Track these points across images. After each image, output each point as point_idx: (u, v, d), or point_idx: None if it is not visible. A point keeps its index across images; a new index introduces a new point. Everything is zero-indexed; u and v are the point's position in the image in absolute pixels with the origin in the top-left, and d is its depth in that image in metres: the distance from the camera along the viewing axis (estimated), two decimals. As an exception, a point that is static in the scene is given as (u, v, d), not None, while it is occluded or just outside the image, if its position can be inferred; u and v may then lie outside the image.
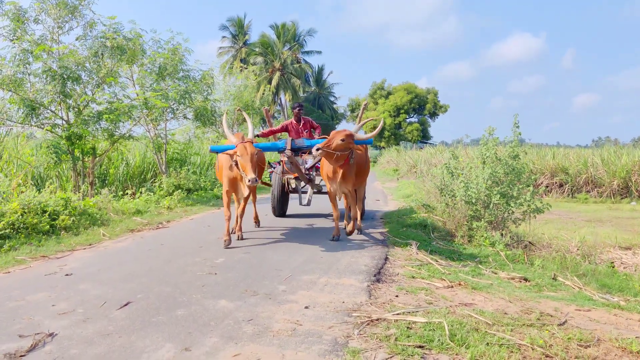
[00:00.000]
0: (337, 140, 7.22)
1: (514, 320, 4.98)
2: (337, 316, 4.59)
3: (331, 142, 7.20)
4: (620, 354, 4.44)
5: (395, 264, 6.93)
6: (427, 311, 4.82)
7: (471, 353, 3.83)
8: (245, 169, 6.77)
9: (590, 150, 29.67)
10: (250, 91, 21.71)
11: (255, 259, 6.74)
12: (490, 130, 9.88)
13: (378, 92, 55.98)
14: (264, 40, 51.94)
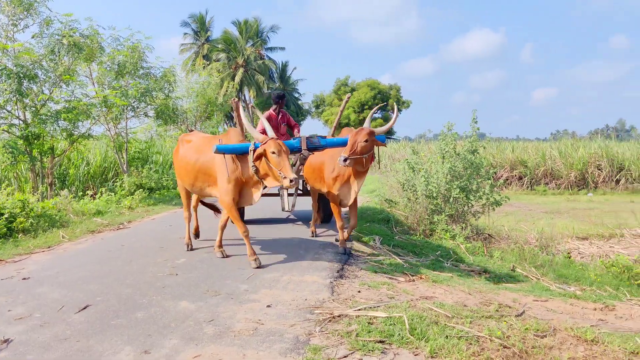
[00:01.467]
0: (361, 143, 6.32)
1: (473, 312, 5.08)
2: (300, 314, 4.60)
3: (356, 146, 6.32)
4: (575, 343, 4.57)
5: (358, 260, 6.99)
6: (388, 306, 4.87)
7: (430, 346, 3.89)
8: (284, 169, 5.71)
9: (549, 144, 30.41)
10: (214, 88, 21.51)
11: (217, 258, 6.70)
12: (449, 125, 10.04)
13: (342, 88, 56.12)
14: (227, 36, 51.51)
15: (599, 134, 53.96)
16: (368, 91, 53.84)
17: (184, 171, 6.75)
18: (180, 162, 6.83)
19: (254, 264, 6.24)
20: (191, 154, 6.65)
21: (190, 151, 6.69)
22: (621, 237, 13.06)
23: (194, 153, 6.61)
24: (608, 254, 11.18)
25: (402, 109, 56.72)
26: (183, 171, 6.76)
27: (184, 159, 6.75)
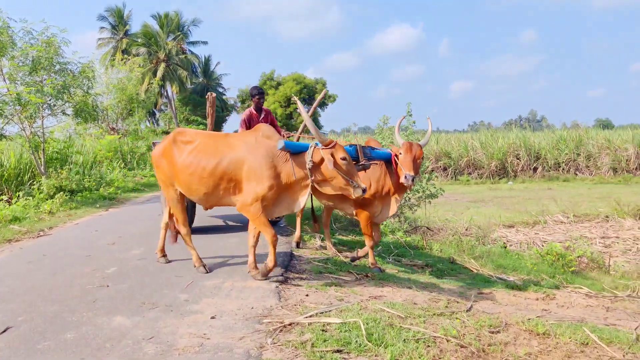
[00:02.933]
0: (420, 159, 5.97)
1: (424, 310, 4.97)
2: (248, 324, 4.30)
3: (418, 162, 5.90)
4: (528, 337, 4.54)
5: (301, 260, 6.75)
6: (340, 309, 4.66)
7: (391, 353, 3.71)
8: (356, 177, 5.13)
9: (470, 135, 31.37)
10: (135, 83, 20.59)
11: (151, 265, 6.25)
12: (385, 119, 9.97)
13: (268, 82, 55.53)
14: (147, 30, 49.69)
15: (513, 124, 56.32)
16: (294, 85, 53.55)
17: (194, 179, 5.44)
18: (187, 168, 5.47)
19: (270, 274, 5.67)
20: (204, 158, 5.41)
21: (202, 154, 5.44)
22: (544, 223, 13.52)
23: (209, 156, 5.39)
24: (534, 241, 11.52)
25: (329, 102, 56.88)
26: (193, 178, 5.45)
27: (192, 165, 5.44)
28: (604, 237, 11.60)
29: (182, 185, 5.61)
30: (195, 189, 5.49)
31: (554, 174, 25.11)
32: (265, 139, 5.34)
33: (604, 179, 23.57)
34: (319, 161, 5.16)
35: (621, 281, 7.70)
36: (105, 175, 15.81)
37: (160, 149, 5.82)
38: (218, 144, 5.46)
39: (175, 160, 5.60)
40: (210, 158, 5.37)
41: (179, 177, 5.59)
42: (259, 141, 5.31)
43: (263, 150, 5.24)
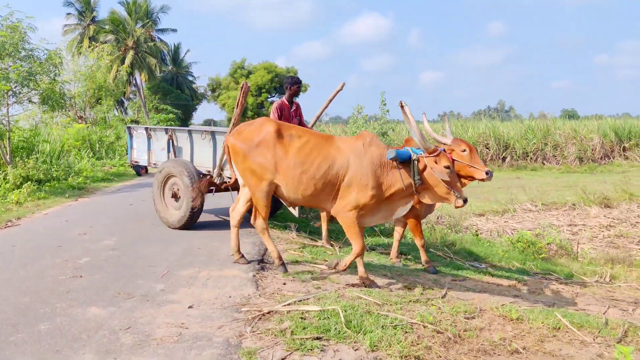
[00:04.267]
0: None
1: (400, 297, 5.02)
2: (226, 313, 4.29)
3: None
4: (502, 322, 4.63)
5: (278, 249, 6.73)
6: (317, 297, 4.68)
7: (370, 339, 3.74)
8: (457, 187, 5.04)
9: (440, 125, 31.60)
10: (104, 71, 20.17)
11: (125, 255, 6.17)
12: (359, 108, 10.00)
13: (239, 71, 55.01)
14: (114, 17, 48.64)
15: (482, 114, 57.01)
16: (265, 74, 53.21)
17: (306, 177, 5.15)
18: (299, 165, 5.17)
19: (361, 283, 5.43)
20: (318, 157, 5.16)
21: (315, 153, 5.18)
22: (514, 212, 13.76)
23: (323, 157, 5.16)
24: (505, 229, 11.73)
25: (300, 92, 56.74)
26: (304, 177, 5.16)
27: (306, 163, 5.15)
28: (571, 224, 11.88)
29: (287, 181, 5.23)
30: (303, 188, 5.19)
31: (522, 163, 25.53)
32: (371, 146, 5.16)
33: (571, 168, 24.08)
34: (422, 169, 5.03)
35: (589, 267, 7.90)
36: (73, 165, 15.48)
37: (257, 138, 5.31)
38: (329, 146, 5.24)
39: (280, 154, 5.23)
40: (325, 159, 5.15)
41: (285, 172, 5.22)
42: (366, 149, 5.14)
43: (369, 158, 5.09)
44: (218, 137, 7.39)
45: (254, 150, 5.29)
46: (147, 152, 8.69)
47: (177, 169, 7.49)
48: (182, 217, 7.41)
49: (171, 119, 41.51)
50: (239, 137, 5.44)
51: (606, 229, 11.23)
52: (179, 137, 8.10)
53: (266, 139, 5.27)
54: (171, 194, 7.67)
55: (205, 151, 7.63)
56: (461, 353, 3.85)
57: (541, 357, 4.04)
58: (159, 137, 8.49)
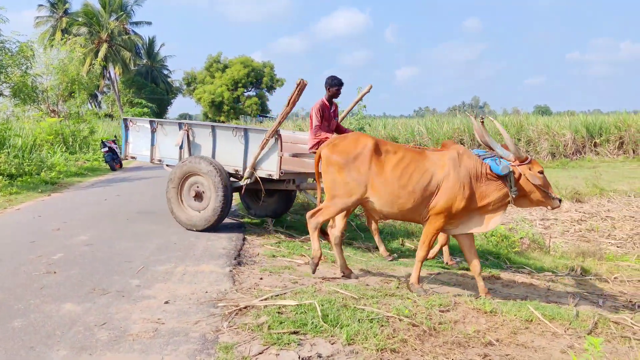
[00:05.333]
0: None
1: (376, 291, 5.07)
2: (202, 308, 4.28)
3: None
4: (476, 315, 4.70)
5: (254, 244, 6.74)
6: (294, 292, 4.70)
7: (346, 333, 3.77)
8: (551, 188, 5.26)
9: (416, 120, 31.84)
10: (77, 64, 19.84)
11: (100, 251, 6.11)
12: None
13: (214, 65, 54.67)
14: (88, 9, 47.90)
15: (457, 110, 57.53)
16: (241, 69, 52.98)
17: (405, 192, 5.20)
18: (397, 180, 5.20)
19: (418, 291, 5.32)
20: (416, 172, 5.22)
21: (412, 168, 5.24)
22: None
23: (420, 171, 5.22)
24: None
25: (277, 87, 56.58)
26: (402, 192, 5.20)
27: (404, 177, 5.21)
28: (543, 219, 12.06)
29: (383, 196, 5.25)
30: (402, 202, 5.24)
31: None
32: (465, 157, 5.25)
33: (543, 163, 24.41)
34: (518, 178, 5.13)
35: (560, 261, 8.05)
36: (46, 159, 15.22)
37: (354, 152, 5.31)
38: (424, 159, 5.30)
39: (376, 170, 5.25)
40: (423, 173, 5.21)
41: (380, 188, 5.25)
42: (461, 160, 5.23)
43: (465, 170, 5.18)
44: (252, 135, 7.07)
45: (351, 164, 5.28)
46: (149, 147, 8.00)
47: (203, 167, 7.01)
48: (210, 217, 6.99)
49: (146, 113, 41.12)
50: (335, 149, 5.40)
51: (577, 223, 11.44)
52: (198, 133, 7.55)
53: (363, 154, 5.28)
54: (194, 194, 7.14)
55: (233, 149, 7.19)
56: (436, 346, 3.90)
57: (514, 349, 4.11)
58: (169, 132, 7.84)
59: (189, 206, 7.24)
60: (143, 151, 8.16)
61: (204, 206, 7.11)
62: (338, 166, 5.29)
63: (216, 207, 6.92)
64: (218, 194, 6.88)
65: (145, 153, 8.12)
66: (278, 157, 6.81)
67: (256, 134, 7.05)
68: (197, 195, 7.13)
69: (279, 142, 6.80)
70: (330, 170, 5.36)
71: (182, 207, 7.26)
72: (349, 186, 5.27)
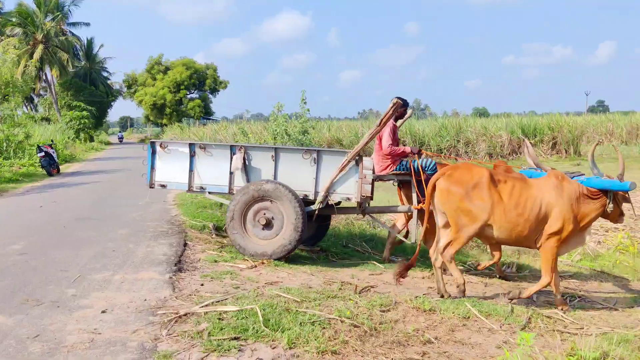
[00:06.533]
0: None
1: (319, 293, 5.11)
2: (141, 317, 4.20)
3: None
4: (416, 314, 4.81)
5: (195, 249, 6.65)
6: (236, 297, 4.68)
7: (288, 337, 3.79)
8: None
9: (360, 122, 32.21)
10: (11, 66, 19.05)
11: (34, 260, 5.88)
12: (280, 106, 10.01)
13: (156, 67, 53.60)
14: (22, 9, 45.98)
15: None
16: (184, 70, 52.16)
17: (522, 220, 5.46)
18: (515, 208, 5.46)
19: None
20: (530, 200, 5.48)
21: (525, 196, 5.50)
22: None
23: (533, 198, 5.47)
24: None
25: (220, 89, 56.01)
26: (520, 219, 5.46)
27: (520, 206, 5.46)
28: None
29: (502, 223, 5.49)
30: (520, 230, 5.48)
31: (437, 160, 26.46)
32: (565, 182, 5.53)
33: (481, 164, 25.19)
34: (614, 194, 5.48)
35: (498, 258, 8.30)
36: (-24, 165, 14.59)
37: (472, 181, 5.54)
38: (530, 187, 5.56)
39: (496, 197, 5.50)
40: (534, 201, 5.46)
41: (500, 215, 5.48)
42: (562, 185, 5.50)
43: (567, 194, 5.45)
44: (325, 158, 6.74)
45: (471, 192, 5.52)
46: (186, 173, 7.01)
47: (275, 193, 6.49)
48: (286, 244, 6.45)
49: (85, 116, 39.93)
50: (451, 180, 5.64)
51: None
52: (256, 155, 6.90)
53: (482, 182, 5.52)
54: (264, 222, 6.53)
55: (301, 172, 6.76)
56: (376, 345, 3.97)
57: (452, 346, 4.23)
58: (215, 155, 6.97)
59: (254, 235, 6.61)
60: (177, 178, 7.07)
61: (274, 234, 6.59)
62: (459, 196, 5.53)
63: (293, 234, 6.45)
64: (297, 219, 6.42)
65: (179, 180, 7.06)
66: (360, 179, 6.62)
67: (330, 156, 6.78)
68: (268, 223, 6.57)
69: (360, 165, 6.61)
70: (452, 200, 5.60)
71: (246, 236, 6.59)
72: (473, 213, 5.51)
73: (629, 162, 19.92)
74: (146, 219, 8.52)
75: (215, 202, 9.67)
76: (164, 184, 7.14)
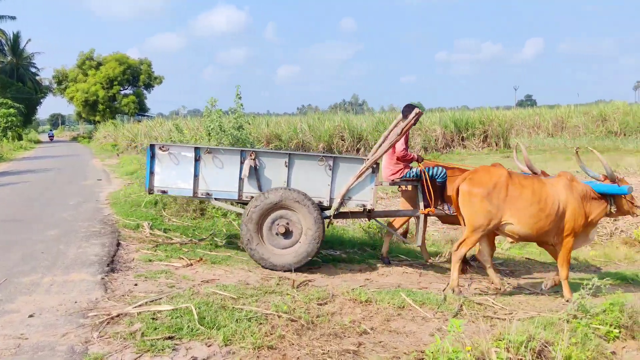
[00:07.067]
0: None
1: (256, 290, 5.11)
2: (71, 320, 4.07)
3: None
4: (352, 306, 4.89)
5: (129, 249, 6.49)
6: (171, 296, 4.61)
7: (223, 334, 3.77)
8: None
9: (299, 118, 32.26)
10: None
11: (-46, 265, 5.60)
12: (213, 101, 9.86)
13: (87, 62, 51.67)
14: (-63, 0, 43.54)
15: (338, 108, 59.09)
16: (117, 66, 50.53)
17: (543, 215, 5.80)
18: (536, 204, 5.79)
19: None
20: (549, 198, 5.83)
21: (544, 194, 5.84)
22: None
23: (552, 197, 5.83)
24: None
25: (155, 84, 54.68)
26: (541, 214, 5.80)
27: (541, 202, 5.80)
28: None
29: (524, 219, 5.82)
30: (541, 225, 5.82)
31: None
32: (574, 183, 5.98)
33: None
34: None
35: (432, 248, 8.53)
36: None
37: (492, 182, 5.86)
38: (546, 187, 5.91)
39: (514, 194, 5.84)
40: (553, 198, 5.83)
41: (521, 211, 5.81)
42: (573, 185, 5.92)
43: (577, 193, 5.88)
44: (342, 165, 6.56)
45: (492, 192, 5.83)
46: (191, 179, 6.61)
47: (293, 200, 6.28)
48: (308, 251, 6.26)
49: (12, 114, 38.15)
50: (473, 182, 5.94)
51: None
52: (268, 161, 6.64)
53: (501, 182, 5.86)
54: (283, 230, 6.31)
55: (316, 179, 6.57)
56: (313, 339, 4.01)
57: (387, 336, 4.33)
58: (223, 160, 6.63)
59: (271, 244, 6.38)
60: (179, 183, 6.67)
61: (293, 242, 6.39)
62: (480, 197, 5.83)
63: (313, 241, 6.28)
64: (317, 226, 6.25)
65: (183, 185, 6.66)
66: (375, 186, 6.58)
67: (347, 164, 6.62)
68: (287, 231, 6.36)
69: (377, 172, 6.55)
70: (472, 202, 5.89)
71: (265, 246, 6.35)
72: (491, 213, 5.83)
73: (555, 153, 20.98)
74: (78, 219, 8.25)
75: (150, 200, 9.51)
76: (164, 189, 6.73)
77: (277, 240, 6.35)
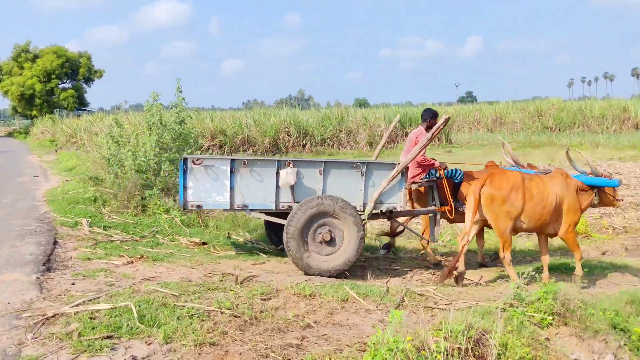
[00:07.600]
0: None
1: (199, 286, 5.06)
2: (3, 321, 3.92)
3: None
4: (297, 300, 4.91)
5: (67, 247, 6.30)
6: (110, 295, 4.50)
7: (164, 332, 3.72)
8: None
9: (244, 113, 31.99)
10: None
11: None
12: (155, 95, 9.68)
13: (23, 55, 49.58)
14: None
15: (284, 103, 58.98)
16: (55, 59, 48.74)
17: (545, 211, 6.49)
18: (540, 202, 6.46)
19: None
20: (550, 194, 6.49)
21: (546, 191, 6.50)
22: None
23: (551, 193, 6.50)
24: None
25: (95, 78, 53.08)
26: (544, 211, 6.49)
27: (543, 199, 6.46)
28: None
29: (530, 216, 6.45)
30: (544, 219, 6.50)
31: (320, 149, 26.91)
32: (568, 178, 6.72)
33: (363, 152, 25.99)
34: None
35: (375, 242, 8.65)
36: None
37: (509, 184, 6.39)
38: (545, 183, 6.54)
39: (528, 195, 6.42)
40: (552, 194, 6.48)
41: (531, 210, 6.44)
42: (567, 181, 6.65)
43: (572, 188, 6.65)
44: (375, 170, 6.69)
45: (512, 194, 6.37)
46: (227, 191, 6.51)
47: (336, 208, 6.28)
48: (351, 257, 6.31)
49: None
50: (493, 186, 6.41)
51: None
52: (303, 169, 6.61)
53: (517, 184, 6.42)
54: (328, 238, 6.32)
55: (350, 184, 6.66)
56: (256, 334, 4.00)
57: (330, 329, 4.37)
58: (261, 171, 6.57)
59: (315, 251, 6.34)
60: (214, 197, 6.55)
61: (335, 249, 6.40)
62: (502, 199, 6.35)
63: (356, 247, 6.32)
64: (359, 232, 6.31)
65: (218, 199, 6.54)
66: (405, 189, 6.83)
67: (379, 169, 6.73)
68: (332, 239, 6.37)
69: (406, 175, 6.81)
70: (494, 204, 6.39)
71: (307, 252, 6.30)
72: (511, 213, 6.38)
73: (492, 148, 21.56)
74: (12, 217, 7.93)
75: (89, 197, 9.26)
76: (199, 204, 6.58)
77: (317, 247, 6.37)
